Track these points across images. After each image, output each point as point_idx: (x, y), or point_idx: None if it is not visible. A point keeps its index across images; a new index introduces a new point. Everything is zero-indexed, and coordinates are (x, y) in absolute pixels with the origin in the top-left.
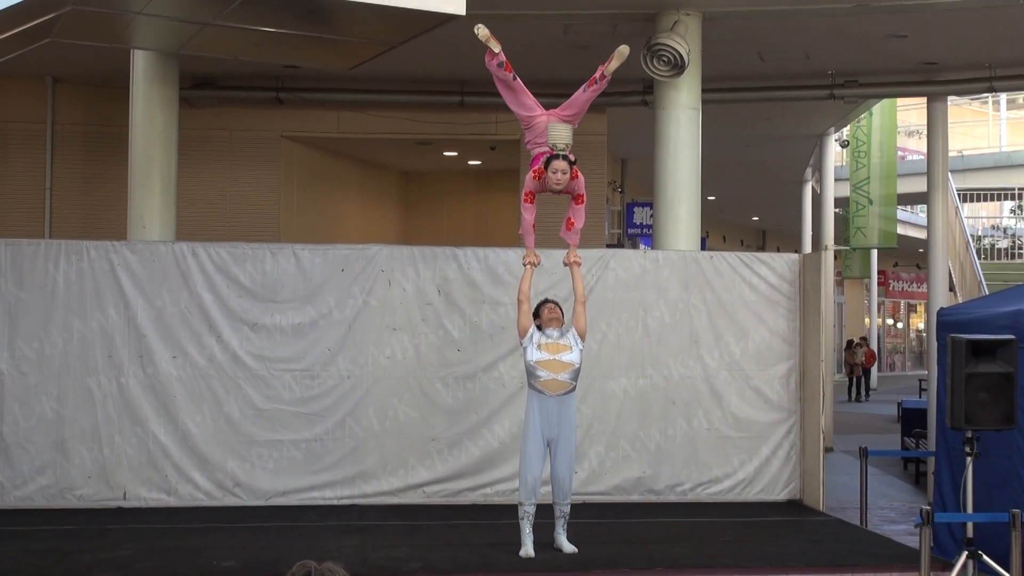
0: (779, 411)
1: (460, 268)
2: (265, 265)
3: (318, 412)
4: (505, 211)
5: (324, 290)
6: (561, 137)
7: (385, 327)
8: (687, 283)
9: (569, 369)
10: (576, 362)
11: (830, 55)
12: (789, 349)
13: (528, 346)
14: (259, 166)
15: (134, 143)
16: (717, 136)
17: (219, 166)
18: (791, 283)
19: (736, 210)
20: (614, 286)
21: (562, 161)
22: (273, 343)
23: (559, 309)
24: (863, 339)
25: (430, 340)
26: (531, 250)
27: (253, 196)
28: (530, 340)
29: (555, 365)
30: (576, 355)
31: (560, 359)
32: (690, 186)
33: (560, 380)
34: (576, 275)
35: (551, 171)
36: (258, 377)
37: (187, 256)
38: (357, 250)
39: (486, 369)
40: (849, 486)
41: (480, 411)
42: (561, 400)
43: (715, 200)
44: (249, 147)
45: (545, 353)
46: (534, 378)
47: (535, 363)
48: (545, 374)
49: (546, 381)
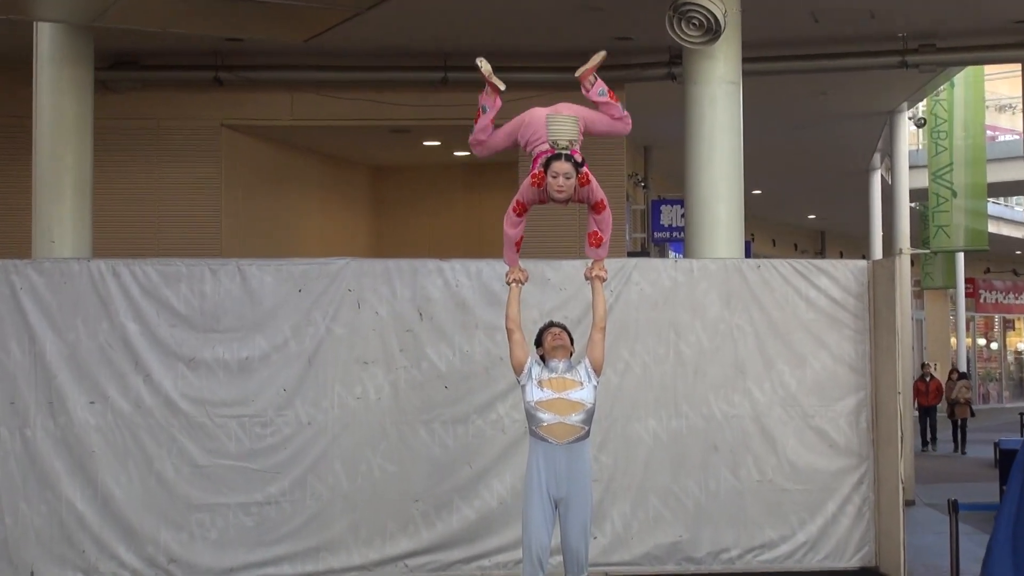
0: (847, 456)
1: (447, 285)
2: (204, 286)
3: (272, 468)
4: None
5: (277, 316)
6: (564, 131)
7: (354, 360)
8: (729, 299)
9: (579, 410)
10: (588, 401)
11: (901, 13)
12: (858, 379)
13: (527, 384)
14: (195, 163)
15: (39, 138)
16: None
17: (145, 164)
18: (858, 297)
19: (788, 207)
20: (639, 304)
21: (565, 162)
22: (215, 383)
23: (567, 334)
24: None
25: (411, 376)
26: (515, 266)
27: (188, 201)
28: (529, 376)
29: (561, 405)
30: (588, 392)
31: (567, 397)
32: (730, 178)
33: (568, 424)
34: (598, 293)
35: (551, 174)
36: (197, 425)
37: (107, 277)
38: (318, 265)
39: (481, 410)
40: (937, 548)
41: (474, 463)
42: (571, 449)
43: (761, 195)
44: (182, 140)
45: (548, 391)
46: (536, 422)
47: (536, 404)
48: (549, 417)
49: (551, 426)
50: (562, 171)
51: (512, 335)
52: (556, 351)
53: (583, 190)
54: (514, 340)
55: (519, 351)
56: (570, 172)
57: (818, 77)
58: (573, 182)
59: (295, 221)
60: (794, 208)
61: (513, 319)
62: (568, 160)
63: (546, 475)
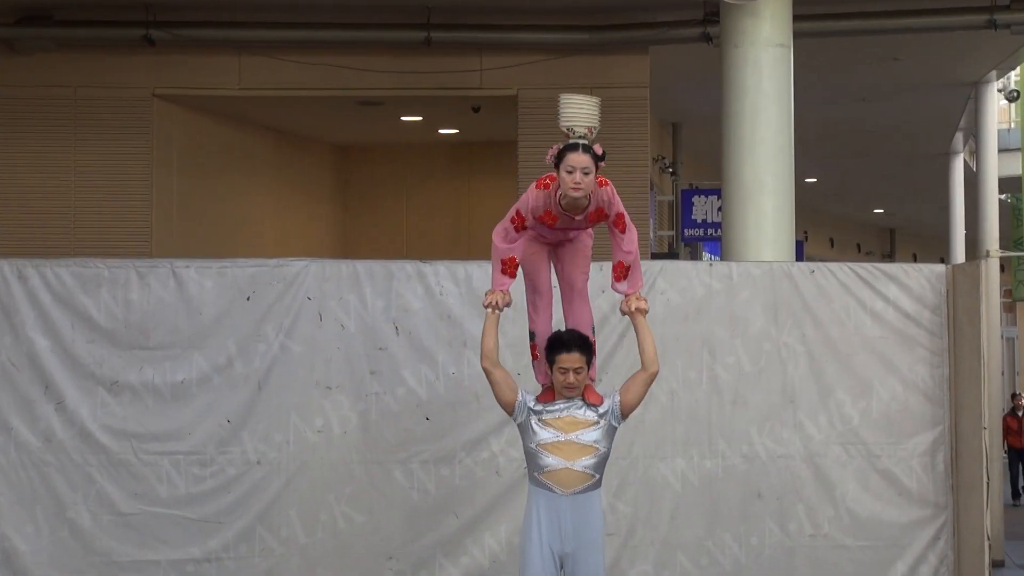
0: (921, 506)
1: (429, 292)
2: (130, 293)
3: (213, 517)
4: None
5: (220, 329)
6: (582, 116)
7: (315, 385)
8: (776, 311)
9: (591, 454)
10: (602, 445)
11: None
12: (934, 411)
13: (526, 421)
14: (121, 142)
15: None
16: (818, 87)
17: (59, 142)
18: (935, 310)
19: (849, 199)
20: (665, 317)
21: (583, 154)
22: (143, 412)
23: (585, 357)
24: None
25: (384, 404)
26: (497, 290)
27: (111, 188)
28: (527, 412)
29: (569, 449)
30: (601, 434)
31: (577, 440)
32: (778, 163)
33: (576, 471)
34: (642, 329)
35: (566, 168)
36: (120, 464)
37: (10, 280)
38: (271, 267)
39: (470, 447)
40: None
41: (462, 512)
42: (578, 501)
43: (817, 184)
44: (104, 112)
45: (553, 431)
46: (537, 467)
47: (538, 447)
48: (554, 462)
49: (555, 472)
50: (579, 164)
51: (491, 375)
52: (567, 391)
53: (600, 202)
54: (495, 380)
55: (505, 391)
56: (589, 167)
57: (887, 39)
58: (593, 179)
59: (243, 213)
60: (857, 200)
61: (489, 355)
62: (587, 152)
63: (548, 528)
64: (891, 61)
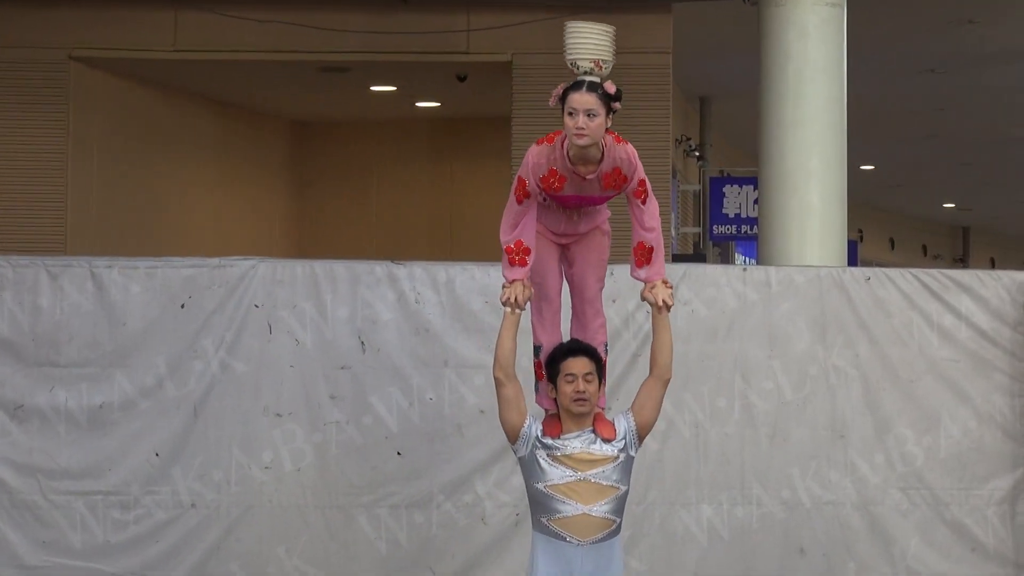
0: (997, 564)
1: (402, 300)
2: (39, 298)
3: (137, 570)
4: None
5: (148, 344)
6: (588, 47)
7: (262, 412)
8: (824, 327)
9: (610, 496)
10: (622, 483)
11: None
12: (1015, 449)
13: (532, 456)
14: (29, 113)
15: None
16: (877, 55)
17: None
18: (1016, 327)
19: (914, 191)
20: (688, 333)
21: (587, 93)
22: (53, 442)
23: (598, 378)
24: None
25: (347, 436)
26: (517, 280)
27: (17, 168)
28: (532, 444)
29: (586, 491)
30: (621, 471)
31: (593, 479)
32: (827, 146)
33: (596, 517)
34: (661, 329)
35: (568, 111)
36: (25, 506)
37: None
38: (211, 268)
39: (451, 489)
40: None
41: (440, 568)
42: (597, 551)
43: (874, 172)
44: (9, 77)
45: (565, 469)
46: (547, 513)
47: (549, 488)
48: (569, 507)
49: (570, 519)
50: (582, 105)
51: (502, 388)
52: (580, 419)
53: (615, 164)
54: (505, 396)
55: (513, 413)
56: (595, 108)
57: None
58: (601, 124)
59: (178, 202)
60: (923, 193)
61: (504, 364)
62: (592, 90)
63: None
64: (966, 24)
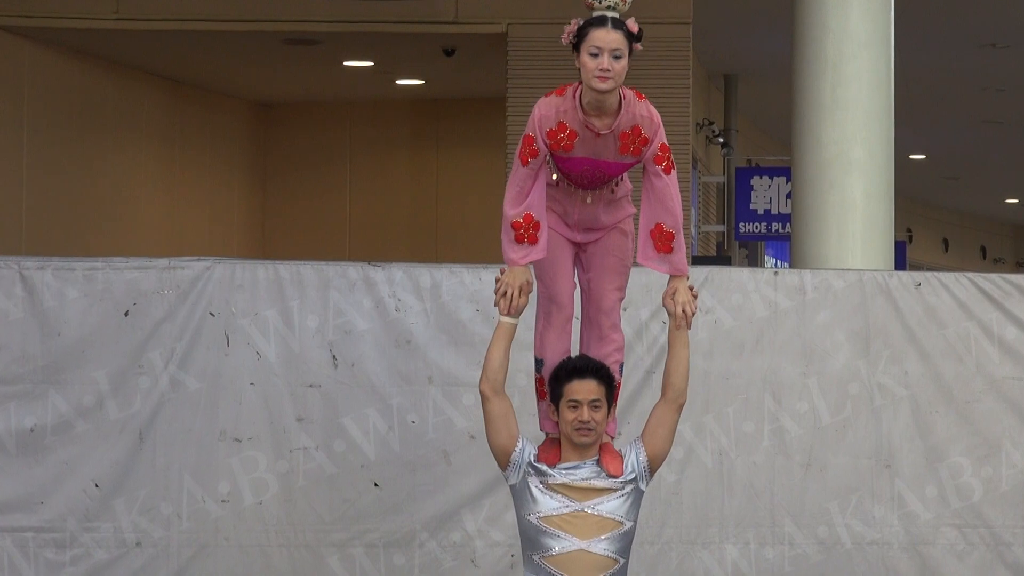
0: None
1: (380, 308)
2: None
3: None
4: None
5: (87, 357)
6: None
7: (219, 436)
8: (868, 340)
9: (612, 532)
10: (628, 518)
11: None
12: None
13: (524, 483)
14: None
15: None
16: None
17: None
18: None
19: (971, 184)
20: (711, 346)
21: (612, 30)
22: None
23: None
24: None
25: (316, 464)
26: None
27: None
28: (523, 468)
29: (584, 524)
30: (626, 503)
31: (592, 510)
32: (871, 133)
33: (595, 555)
34: (677, 344)
35: (588, 52)
36: None
37: None
38: (159, 270)
39: (436, 526)
40: None
41: None
42: None
43: (926, 162)
44: None
45: (562, 498)
46: (537, 549)
47: (541, 520)
48: (564, 542)
49: (564, 557)
50: (608, 44)
51: (488, 405)
52: (583, 449)
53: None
54: (491, 413)
55: (502, 433)
56: (620, 48)
57: None
58: (625, 67)
59: (122, 194)
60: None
61: (492, 377)
62: (618, 28)
63: None
64: None
